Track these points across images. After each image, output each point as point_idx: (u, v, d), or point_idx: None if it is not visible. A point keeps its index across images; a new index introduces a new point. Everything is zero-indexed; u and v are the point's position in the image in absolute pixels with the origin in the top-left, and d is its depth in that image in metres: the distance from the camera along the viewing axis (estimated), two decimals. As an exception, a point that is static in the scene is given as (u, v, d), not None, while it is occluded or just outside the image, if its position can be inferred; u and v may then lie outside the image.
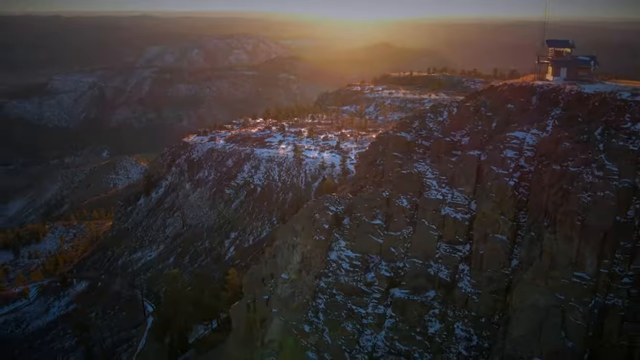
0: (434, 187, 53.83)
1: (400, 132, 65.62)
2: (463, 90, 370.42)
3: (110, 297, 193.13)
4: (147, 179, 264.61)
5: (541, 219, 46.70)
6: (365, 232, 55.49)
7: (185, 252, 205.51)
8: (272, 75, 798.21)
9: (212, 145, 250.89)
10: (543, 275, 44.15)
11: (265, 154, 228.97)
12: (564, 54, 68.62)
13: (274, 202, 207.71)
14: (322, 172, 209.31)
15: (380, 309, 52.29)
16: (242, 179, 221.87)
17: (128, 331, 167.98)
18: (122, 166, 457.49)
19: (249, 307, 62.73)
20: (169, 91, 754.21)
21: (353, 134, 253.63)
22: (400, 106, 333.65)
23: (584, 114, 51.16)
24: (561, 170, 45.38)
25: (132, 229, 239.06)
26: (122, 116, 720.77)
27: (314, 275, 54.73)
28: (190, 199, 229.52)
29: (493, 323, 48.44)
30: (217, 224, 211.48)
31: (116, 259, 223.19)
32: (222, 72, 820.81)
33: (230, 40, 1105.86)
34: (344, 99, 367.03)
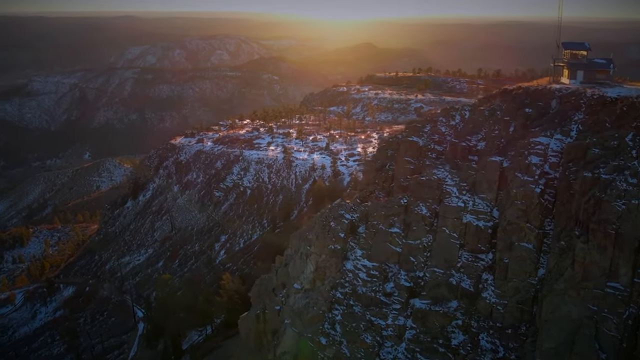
0: (454, 194, 52.35)
1: (412, 137, 64.07)
2: (449, 90, 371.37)
3: (98, 302, 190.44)
4: (134, 181, 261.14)
5: (570, 227, 45.37)
6: (383, 240, 53.88)
7: (175, 255, 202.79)
8: (255, 75, 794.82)
9: (200, 147, 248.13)
10: (575, 286, 42.81)
11: (255, 155, 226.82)
12: (579, 56, 67.68)
13: (265, 204, 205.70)
14: (312, 174, 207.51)
15: (401, 320, 50.69)
16: (232, 181, 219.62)
17: (118, 337, 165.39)
18: (105, 168, 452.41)
19: (258, 318, 60.78)
20: (151, 92, 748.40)
21: (342, 135, 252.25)
22: (387, 107, 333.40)
23: (612, 120, 50.01)
24: (593, 178, 44.06)
25: (120, 233, 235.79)
26: (104, 117, 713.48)
27: (330, 286, 52.96)
28: (178, 201, 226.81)
29: (520, 334, 47.06)
30: (207, 227, 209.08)
31: (104, 264, 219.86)
32: (205, 73, 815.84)
33: (212, 40, 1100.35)
34: (330, 100, 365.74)
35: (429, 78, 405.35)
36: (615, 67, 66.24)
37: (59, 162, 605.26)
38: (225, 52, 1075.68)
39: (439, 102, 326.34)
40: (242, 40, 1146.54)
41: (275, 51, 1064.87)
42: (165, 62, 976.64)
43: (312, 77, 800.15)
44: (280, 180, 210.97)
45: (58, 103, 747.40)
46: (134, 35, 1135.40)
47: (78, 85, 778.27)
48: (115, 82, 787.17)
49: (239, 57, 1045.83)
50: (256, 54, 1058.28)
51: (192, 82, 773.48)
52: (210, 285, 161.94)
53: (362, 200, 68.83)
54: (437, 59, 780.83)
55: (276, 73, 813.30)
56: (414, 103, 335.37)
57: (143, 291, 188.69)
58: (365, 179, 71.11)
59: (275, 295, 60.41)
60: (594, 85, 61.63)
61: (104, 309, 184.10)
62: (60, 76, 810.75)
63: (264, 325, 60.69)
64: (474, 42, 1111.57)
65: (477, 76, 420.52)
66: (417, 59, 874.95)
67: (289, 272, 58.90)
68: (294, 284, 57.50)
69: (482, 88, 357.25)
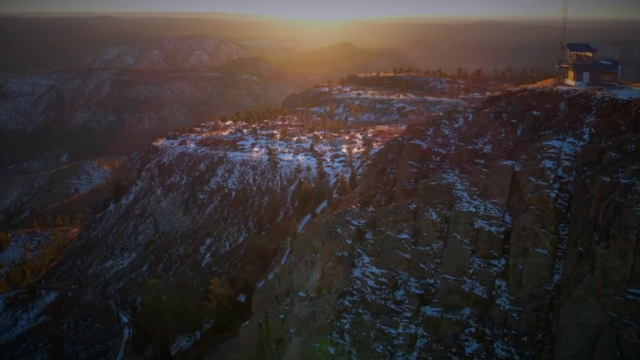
0: (465, 199, 51.21)
1: (415, 140, 63.01)
2: (430, 90, 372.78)
3: (82, 308, 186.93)
4: (115, 184, 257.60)
5: (588, 232, 44.50)
6: (391, 247, 52.59)
7: (159, 259, 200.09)
8: (234, 76, 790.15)
9: (183, 149, 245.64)
10: (595, 292, 41.91)
11: (239, 157, 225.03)
12: (584, 58, 67.10)
13: (250, 206, 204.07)
14: (297, 175, 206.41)
15: (412, 328, 49.44)
16: (216, 183, 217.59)
17: (103, 343, 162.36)
18: (84, 170, 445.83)
19: (260, 327, 59.24)
20: (129, 93, 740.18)
21: (326, 136, 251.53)
22: (369, 107, 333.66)
23: (628, 123, 49.34)
24: (612, 182, 43.23)
25: (102, 237, 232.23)
26: (81, 119, 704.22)
27: (338, 294, 51.57)
28: (162, 204, 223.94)
29: (536, 342, 46.05)
30: (191, 229, 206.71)
31: (86, 268, 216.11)
32: (183, 74, 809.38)
33: (190, 41, 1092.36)
34: (312, 100, 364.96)
35: (410, 78, 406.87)
36: (622, 68, 65.82)
37: (36, 164, 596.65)
38: (204, 52, 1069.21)
39: (421, 102, 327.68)
40: (220, 40, 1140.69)
41: (254, 51, 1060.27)
42: (143, 62, 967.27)
43: (292, 77, 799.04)
44: (266, 181, 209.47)
45: (34, 105, 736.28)
46: (111, 36, 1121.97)
47: (55, 87, 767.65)
48: (93, 83, 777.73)
49: (218, 57, 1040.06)
50: (235, 55, 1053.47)
51: (170, 83, 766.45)
52: (197, 289, 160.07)
53: (364, 204, 67.68)
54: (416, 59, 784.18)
55: (255, 73, 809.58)
56: (396, 103, 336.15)
57: (127, 296, 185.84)
58: (366, 183, 69.89)
59: (279, 303, 58.86)
60: (601, 87, 61.06)
61: (88, 315, 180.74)
62: (37, 77, 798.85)
63: (266, 334, 59.11)
64: (452, 42, 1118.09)
65: (457, 76, 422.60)
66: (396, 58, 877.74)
67: (293, 279, 57.38)
68: (299, 292, 56.00)
69: (463, 88, 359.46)
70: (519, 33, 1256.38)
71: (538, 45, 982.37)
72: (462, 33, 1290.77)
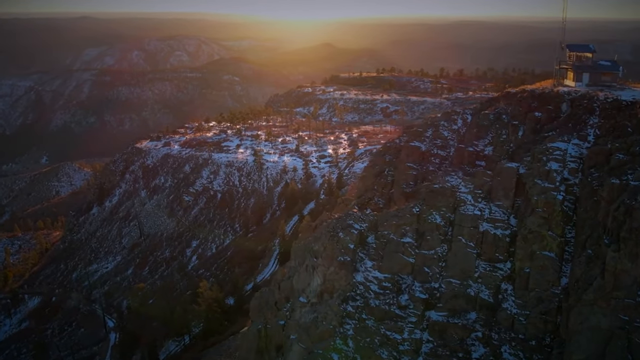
0: (469, 202, 50.54)
1: (413, 142, 62.24)
2: (413, 90, 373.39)
3: (66, 312, 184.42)
4: (99, 187, 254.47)
5: (597, 235, 44.02)
6: (395, 251, 51.73)
7: (145, 262, 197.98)
8: (216, 76, 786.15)
9: (167, 151, 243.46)
10: (605, 296, 41.42)
11: (224, 158, 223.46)
12: (583, 58, 66.77)
13: (236, 208, 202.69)
14: (284, 176, 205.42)
15: (417, 333, 48.66)
16: (201, 185, 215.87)
17: (89, 349, 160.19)
18: (65, 172, 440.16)
19: (259, 333, 58.11)
20: (109, 94, 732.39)
21: (311, 137, 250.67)
22: (353, 107, 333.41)
23: (634, 124, 48.95)
24: (621, 185, 42.75)
25: (86, 240, 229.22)
26: (61, 120, 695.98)
27: (341, 299, 50.64)
28: (146, 207, 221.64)
29: (545, 346, 45.51)
30: (177, 232, 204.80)
31: (70, 272, 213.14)
32: (165, 74, 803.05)
33: (171, 41, 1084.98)
34: (295, 101, 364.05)
35: (393, 78, 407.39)
36: (623, 69, 65.57)
37: (16, 167, 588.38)
38: (185, 53, 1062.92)
39: (405, 102, 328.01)
40: (201, 41, 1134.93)
41: (236, 52, 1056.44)
42: (123, 63, 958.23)
43: (274, 78, 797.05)
44: (252, 183, 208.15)
45: (13, 106, 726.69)
46: (91, 37, 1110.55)
47: (34, 88, 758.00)
48: (73, 85, 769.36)
49: (199, 58, 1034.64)
50: (216, 55, 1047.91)
51: (151, 84, 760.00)
52: (184, 292, 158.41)
53: (361, 207, 66.79)
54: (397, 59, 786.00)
55: (237, 74, 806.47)
56: (380, 103, 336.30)
57: (113, 300, 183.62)
58: (363, 185, 68.96)
59: (278, 309, 57.75)
60: (602, 88, 60.75)
61: (73, 320, 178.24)
62: (16, 78, 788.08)
63: (266, 340, 57.98)
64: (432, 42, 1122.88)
65: (439, 76, 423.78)
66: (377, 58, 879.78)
67: (293, 284, 56.30)
68: (299, 298, 54.96)
69: (446, 87, 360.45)
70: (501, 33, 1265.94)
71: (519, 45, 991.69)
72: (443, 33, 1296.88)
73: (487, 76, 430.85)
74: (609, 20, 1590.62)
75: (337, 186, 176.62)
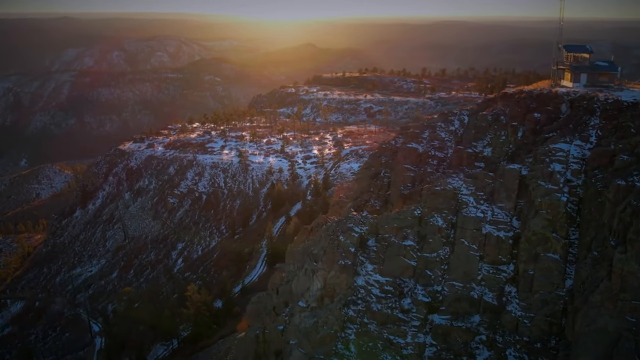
0: (471, 204, 50.09)
1: (410, 143, 61.74)
2: (396, 90, 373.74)
3: (50, 317, 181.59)
4: (81, 189, 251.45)
5: (602, 236, 43.77)
6: (396, 254, 51.12)
7: (129, 265, 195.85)
8: (197, 77, 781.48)
9: (151, 152, 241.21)
10: (612, 297, 41.16)
11: (209, 160, 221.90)
12: (580, 59, 66.66)
13: (222, 209, 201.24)
14: (269, 177, 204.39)
15: (420, 337, 48.13)
16: (186, 187, 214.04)
17: (74, 354, 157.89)
18: (45, 175, 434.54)
19: (257, 339, 57.24)
20: (89, 95, 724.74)
21: (296, 137, 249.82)
22: (337, 107, 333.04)
23: (637, 125, 48.78)
24: (627, 186, 42.52)
25: (69, 244, 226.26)
26: (40, 122, 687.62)
27: (342, 303, 49.96)
28: (130, 209, 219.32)
29: (550, 348, 45.19)
30: (162, 234, 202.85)
31: (53, 276, 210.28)
32: (145, 75, 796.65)
33: (151, 42, 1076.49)
34: (279, 101, 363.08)
35: (376, 78, 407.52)
36: (622, 70, 65.51)
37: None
38: (165, 53, 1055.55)
39: (389, 102, 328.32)
40: (182, 41, 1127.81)
41: (217, 52, 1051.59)
42: (103, 64, 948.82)
43: (255, 78, 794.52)
44: (237, 184, 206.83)
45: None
46: (70, 37, 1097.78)
47: (12, 90, 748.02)
48: (52, 86, 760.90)
49: (180, 58, 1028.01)
50: (197, 55, 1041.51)
51: (132, 85, 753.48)
52: (171, 295, 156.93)
53: (357, 209, 66.23)
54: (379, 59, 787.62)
55: (218, 74, 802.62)
56: (364, 103, 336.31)
57: (98, 304, 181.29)
58: (359, 187, 68.35)
59: (277, 314, 56.92)
60: (601, 89, 60.65)
61: (57, 324, 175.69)
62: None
63: (264, 346, 57.12)
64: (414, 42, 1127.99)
65: (422, 75, 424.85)
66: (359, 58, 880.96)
67: (292, 289, 55.50)
68: (299, 302, 54.12)
69: (429, 87, 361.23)
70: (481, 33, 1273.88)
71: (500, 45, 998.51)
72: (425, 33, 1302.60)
73: (468, 76, 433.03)
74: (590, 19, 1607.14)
75: (324, 187, 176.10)
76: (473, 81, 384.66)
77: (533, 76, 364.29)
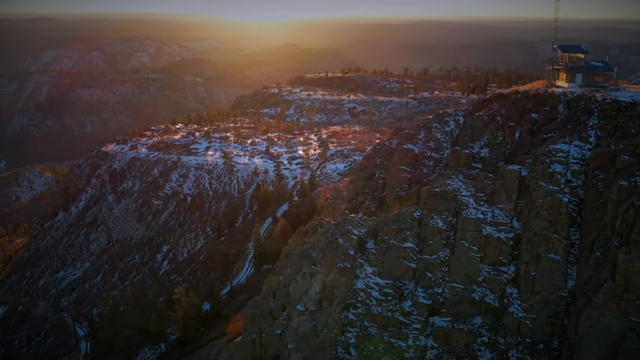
0: (471, 205, 49.85)
1: (406, 144, 61.45)
2: (379, 90, 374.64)
3: (34, 322, 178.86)
4: (64, 192, 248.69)
5: (605, 237, 43.78)
6: (396, 256, 50.76)
7: (114, 269, 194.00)
8: (178, 78, 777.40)
9: (135, 154, 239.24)
10: (616, 298, 41.13)
11: (193, 161, 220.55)
12: (574, 59, 66.82)
13: (207, 211, 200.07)
14: (255, 178, 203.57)
15: (422, 340, 47.84)
16: (170, 189, 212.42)
17: (59, 358, 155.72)
18: (25, 177, 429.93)
19: (254, 343, 56.61)
20: (69, 96, 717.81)
21: (280, 138, 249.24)
22: (320, 107, 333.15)
23: (637, 125, 48.86)
24: (630, 186, 42.53)
25: (52, 247, 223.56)
26: (19, 124, 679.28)
27: (342, 307, 49.52)
28: (114, 212, 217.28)
29: (553, 349, 45.08)
30: (147, 237, 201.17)
31: (36, 280, 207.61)
32: (125, 76, 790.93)
33: (131, 42, 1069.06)
34: (262, 102, 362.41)
35: (358, 78, 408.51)
36: (618, 70, 65.72)
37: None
38: (146, 54, 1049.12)
39: (372, 102, 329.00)
40: (162, 42, 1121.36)
41: (197, 53, 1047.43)
42: (82, 65, 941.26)
43: (237, 79, 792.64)
44: (222, 185, 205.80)
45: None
46: (49, 38, 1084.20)
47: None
48: (31, 87, 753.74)
49: (160, 59, 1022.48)
50: (177, 56, 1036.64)
51: (112, 86, 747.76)
52: (157, 298, 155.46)
53: (352, 211, 65.84)
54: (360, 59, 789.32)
55: (199, 75, 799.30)
56: (347, 103, 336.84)
57: (82, 308, 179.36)
58: (353, 189, 67.94)
59: (274, 318, 56.27)
60: (598, 89, 60.77)
61: (41, 329, 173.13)
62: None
63: (261, 350, 56.49)
64: (395, 42, 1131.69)
65: (404, 75, 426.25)
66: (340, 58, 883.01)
67: (290, 292, 54.95)
68: (297, 306, 53.56)
69: (412, 87, 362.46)
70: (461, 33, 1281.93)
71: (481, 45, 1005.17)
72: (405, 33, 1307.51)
73: (450, 76, 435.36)
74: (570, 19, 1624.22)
75: (310, 187, 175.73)
76: (455, 81, 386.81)
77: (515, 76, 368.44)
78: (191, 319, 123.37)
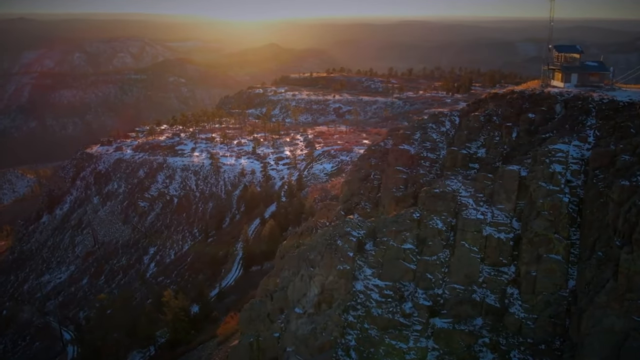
0: (471, 206, 49.69)
1: (402, 145, 61.19)
2: (364, 90, 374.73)
3: (19, 326, 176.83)
4: (48, 194, 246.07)
5: (606, 237, 43.79)
6: (395, 257, 50.48)
7: (100, 271, 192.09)
8: (161, 78, 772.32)
9: (120, 155, 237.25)
10: (619, 298, 41.12)
11: (179, 162, 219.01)
12: (569, 59, 66.92)
13: (194, 213, 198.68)
14: (242, 179, 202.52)
15: (423, 341, 47.60)
16: (157, 190, 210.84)
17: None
18: (7, 180, 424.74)
19: (252, 347, 56.05)
20: (51, 98, 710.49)
21: (266, 138, 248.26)
22: (306, 108, 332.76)
23: (636, 125, 48.95)
24: (631, 186, 42.56)
25: (37, 250, 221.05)
26: (0, 125, 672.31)
27: (341, 309, 49.15)
28: (100, 214, 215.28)
29: (555, 349, 45.02)
30: (133, 239, 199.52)
31: (21, 284, 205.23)
32: (108, 77, 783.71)
33: (114, 43, 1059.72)
34: (247, 102, 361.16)
35: (343, 78, 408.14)
36: (614, 70, 65.90)
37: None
38: (128, 54, 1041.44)
39: (357, 102, 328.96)
40: (145, 42, 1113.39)
41: (180, 53, 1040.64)
42: (64, 66, 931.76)
43: (220, 79, 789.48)
44: (209, 187, 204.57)
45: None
46: (29, 39, 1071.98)
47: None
48: (12, 88, 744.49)
49: (143, 59, 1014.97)
50: (160, 56, 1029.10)
51: (94, 87, 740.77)
52: (144, 301, 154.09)
53: (347, 212, 65.50)
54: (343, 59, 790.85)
55: (183, 75, 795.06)
56: (332, 103, 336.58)
57: (68, 312, 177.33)
58: (348, 190, 67.53)
59: (272, 321, 55.77)
60: (594, 89, 60.91)
61: (26, 334, 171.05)
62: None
63: (258, 354, 55.95)
64: (377, 42, 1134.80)
65: (389, 75, 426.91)
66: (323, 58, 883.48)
67: (288, 295, 54.47)
68: (295, 309, 53.10)
69: (397, 87, 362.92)
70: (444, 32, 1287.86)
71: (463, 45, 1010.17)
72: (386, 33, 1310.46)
73: (434, 75, 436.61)
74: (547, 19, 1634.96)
75: (298, 188, 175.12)
76: (439, 80, 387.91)
77: (498, 75, 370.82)
78: (181, 322, 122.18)
